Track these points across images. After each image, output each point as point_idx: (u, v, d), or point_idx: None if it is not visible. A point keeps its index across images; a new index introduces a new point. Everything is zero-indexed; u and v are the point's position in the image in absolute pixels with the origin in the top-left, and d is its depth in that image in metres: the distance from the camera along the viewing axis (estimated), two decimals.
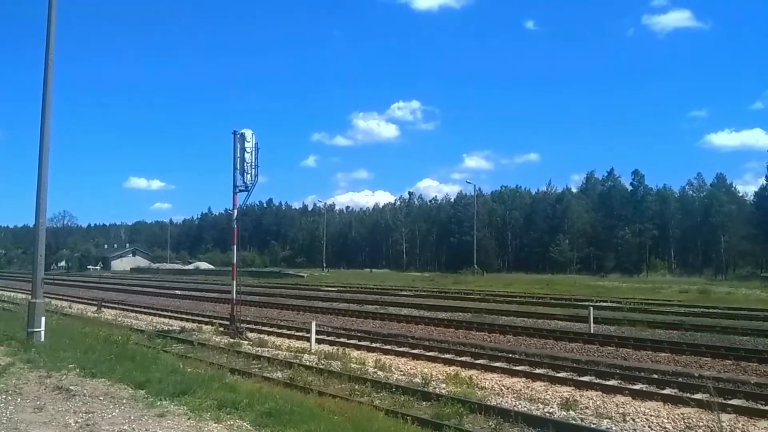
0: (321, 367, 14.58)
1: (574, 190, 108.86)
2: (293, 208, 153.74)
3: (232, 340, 19.78)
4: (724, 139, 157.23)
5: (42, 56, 14.42)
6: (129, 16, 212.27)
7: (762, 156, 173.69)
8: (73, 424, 6.98)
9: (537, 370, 14.47)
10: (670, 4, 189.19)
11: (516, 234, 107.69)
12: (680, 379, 13.16)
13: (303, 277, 72.47)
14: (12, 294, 40.26)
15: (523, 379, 13.74)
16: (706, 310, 27.19)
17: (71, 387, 8.90)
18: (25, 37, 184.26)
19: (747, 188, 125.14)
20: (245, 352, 17.22)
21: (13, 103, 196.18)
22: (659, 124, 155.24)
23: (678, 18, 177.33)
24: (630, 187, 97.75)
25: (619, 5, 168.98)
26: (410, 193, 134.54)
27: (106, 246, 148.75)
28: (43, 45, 14.44)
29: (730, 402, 11.00)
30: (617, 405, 11.32)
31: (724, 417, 9.96)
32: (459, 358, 16.27)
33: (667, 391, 12.15)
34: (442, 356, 16.61)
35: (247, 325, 22.66)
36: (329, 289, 48.35)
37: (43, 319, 13.88)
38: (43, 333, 13.65)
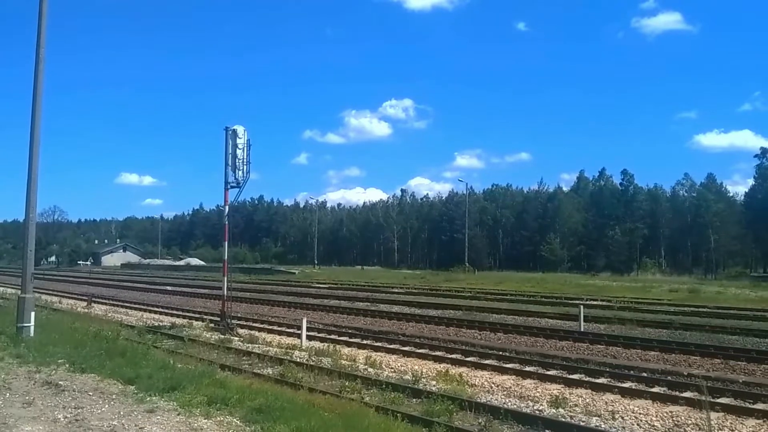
0: (312, 363, 14.56)
1: (565, 189, 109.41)
2: (285, 205, 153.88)
3: (222, 337, 19.74)
4: (713, 140, 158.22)
5: (33, 51, 14.36)
6: (120, 12, 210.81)
7: (751, 157, 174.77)
8: (62, 419, 6.95)
9: (527, 368, 14.52)
10: (659, 6, 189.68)
11: (507, 232, 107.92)
12: (669, 378, 13.24)
13: (294, 273, 72.35)
14: (1, 289, 39.90)
15: (513, 377, 13.78)
16: (696, 310, 27.32)
17: (60, 382, 8.86)
18: (16, 32, 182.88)
19: (736, 188, 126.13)
20: (236, 349, 17.17)
21: (2, 97, 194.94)
22: (649, 124, 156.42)
23: (667, 20, 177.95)
24: (620, 187, 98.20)
25: (609, 8, 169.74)
26: (402, 191, 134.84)
27: (96, 241, 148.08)
28: (34, 40, 14.38)
29: (719, 400, 11.07)
30: (606, 403, 11.37)
31: (713, 415, 10.01)
32: (449, 356, 16.29)
33: (656, 389, 12.22)
34: (433, 353, 16.65)
35: (238, 322, 22.62)
36: (320, 286, 48.26)
37: (33, 314, 13.83)
38: (32, 328, 13.60)
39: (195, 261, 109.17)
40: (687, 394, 11.49)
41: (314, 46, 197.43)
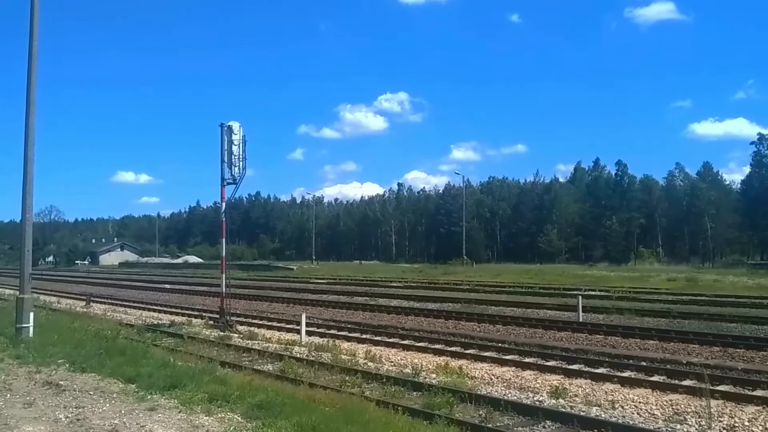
0: (311, 359, 14.59)
1: (561, 180, 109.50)
2: (282, 200, 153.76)
3: (222, 334, 19.72)
4: (708, 128, 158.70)
5: (26, 49, 14.31)
6: (115, 9, 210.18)
7: (746, 145, 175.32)
8: (63, 419, 6.95)
9: (526, 359, 14.54)
10: None
11: (504, 224, 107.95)
12: (669, 366, 13.26)
13: (292, 269, 72.37)
14: None
15: (513, 368, 13.80)
16: (694, 298, 27.40)
17: (61, 382, 8.86)
18: (13, 32, 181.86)
19: (732, 177, 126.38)
20: (235, 345, 17.17)
21: None
22: (644, 114, 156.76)
23: (660, 10, 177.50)
24: (615, 177, 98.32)
25: None
26: (399, 185, 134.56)
27: (93, 241, 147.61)
28: (27, 38, 14.33)
29: (718, 388, 11.10)
30: (606, 393, 11.40)
31: (712, 403, 10.05)
32: (449, 349, 16.31)
33: (655, 378, 12.25)
34: (432, 347, 16.65)
35: (237, 318, 22.61)
36: (319, 281, 48.30)
37: (32, 314, 13.83)
38: (31, 328, 13.59)
39: (193, 258, 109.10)
40: (686, 383, 11.52)
41: (308, 41, 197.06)
